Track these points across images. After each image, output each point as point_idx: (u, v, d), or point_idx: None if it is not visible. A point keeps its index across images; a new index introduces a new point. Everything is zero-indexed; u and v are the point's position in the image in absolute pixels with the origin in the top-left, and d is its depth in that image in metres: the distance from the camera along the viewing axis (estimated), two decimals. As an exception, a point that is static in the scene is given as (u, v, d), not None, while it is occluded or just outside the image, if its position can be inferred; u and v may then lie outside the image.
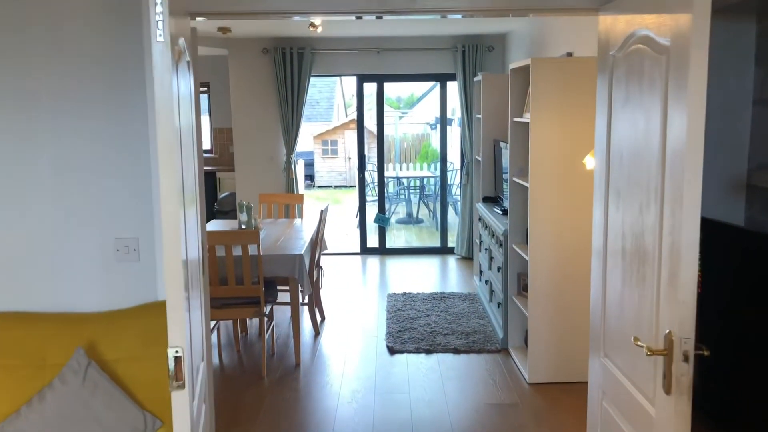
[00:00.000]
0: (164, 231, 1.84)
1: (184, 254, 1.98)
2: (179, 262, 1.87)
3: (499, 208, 5.59)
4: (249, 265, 4.38)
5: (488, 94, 6.16)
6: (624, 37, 2.27)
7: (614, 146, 2.40)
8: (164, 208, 1.84)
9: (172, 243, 1.85)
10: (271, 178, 7.89)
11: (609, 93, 2.46)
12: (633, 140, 2.19)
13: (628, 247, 2.23)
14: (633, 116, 2.19)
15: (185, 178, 2.11)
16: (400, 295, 6.25)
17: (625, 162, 2.26)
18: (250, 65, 7.72)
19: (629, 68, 2.23)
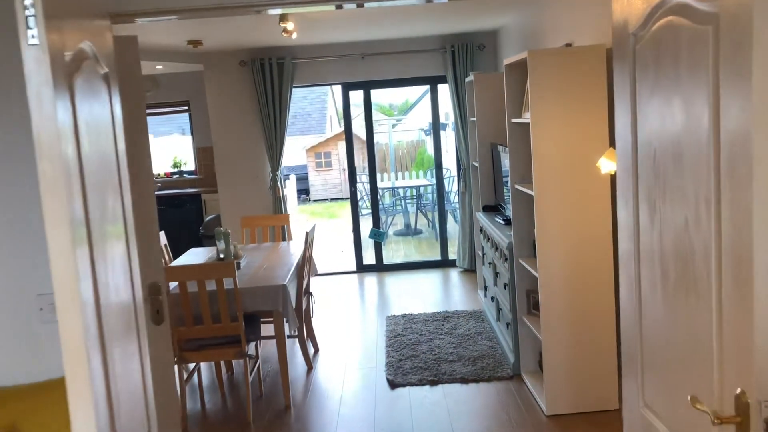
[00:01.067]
0: (54, 278, 1.40)
1: (90, 301, 1.54)
2: (76, 314, 1.42)
3: (501, 218, 5.13)
4: (225, 300, 3.91)
5: (482, 95, 5.70)
6: (648, 8, 1.80)
7: (642, 146, 1.93)
8: (52, 252, 1.39)
9: (63, 291, 1.41)
10: (257, 198, 7.43)
11: (632, 82, 1.99)
12: (669, 138, 1.72)
13: (672, 272, 1.75)
14: (666, 108, 1.72)
15: (95, 211, 1.65)
16: (400, 317, 5.77)
17: (660, 165, 1.79)
18: (228, 79, 7.27)
19: (658, 48, 1.76)
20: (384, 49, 7.18)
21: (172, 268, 3.83)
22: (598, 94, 3.62)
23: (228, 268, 3.85)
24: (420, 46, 7.18)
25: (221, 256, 4.69)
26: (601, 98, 3.62)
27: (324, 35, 6.58)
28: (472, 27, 6.71)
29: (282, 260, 4.80)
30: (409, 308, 6.08)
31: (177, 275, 3.84)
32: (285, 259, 4.81)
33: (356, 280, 7.32)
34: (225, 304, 3.91)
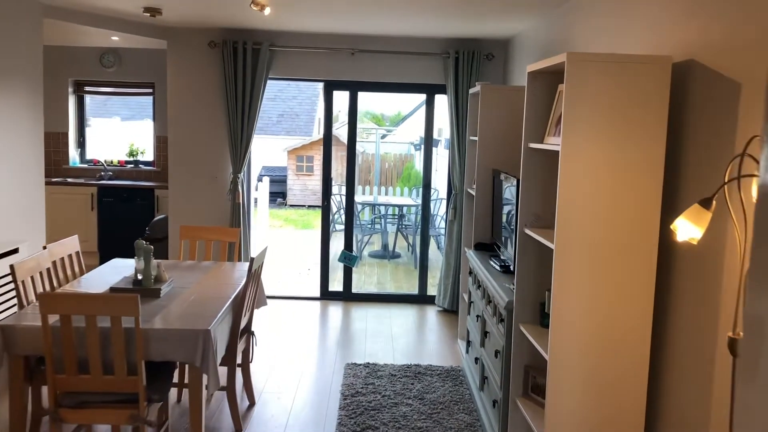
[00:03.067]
0: None
1: None
2: None
3: (498, 263, 4.15)
4: (122, 344, 2.87)
5: (488, 111, 4.73)
6: None
7: None
8: None
9: None
10: (213, 202, 6.39)
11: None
12: None
13: None
14: None
15: None
16: (362, 367, 4.75)
17: None
18: (193, 61, 6.24)
19: None
20: (378, 46, 6.20)
21: (48, 296, 2.79)
22: (656, 122, 2.66)
23: (128, 303, 2.81)
24: (419, 48, 6.21)
25: (138, 277, 3.64)
26: (659, 129, 2.65)
27: (309, 22, 5.58)
28: (481, 32, 5.75)
29: (218, 289, 3.77)
30: (374, 354, 5.07)
31: (55, 305, 2.80)
32: (223, 288, 3.78)
33: (318, 310, 6.29)
34: (122, 349, 2.87)
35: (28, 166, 4.96)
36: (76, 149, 8.24)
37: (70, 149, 8.13)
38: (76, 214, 7.62)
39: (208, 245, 4.65)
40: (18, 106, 4.80)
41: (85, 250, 7.65)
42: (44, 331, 2.84)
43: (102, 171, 8.04)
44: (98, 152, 8.44)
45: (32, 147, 5.00)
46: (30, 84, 4.93)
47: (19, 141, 4.82)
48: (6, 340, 2.99)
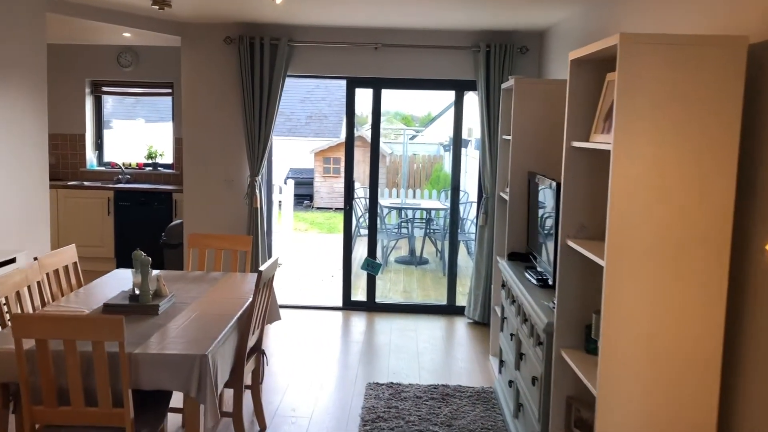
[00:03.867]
0: None
1: None
2: None
3: (535, 276, 3.73)
4: (106, 372, 2.52)
5: (523, 107, 4.31)
6: None
7: None
8: None
9: None
10: (231, 206, 6.06)
11: None
12: None
13: None
14: None
15: None
16: (385, 388, 4.36)
17: None
18: (209, 58, 5.92)
19: None
20: (403, 40, 5.81)
21: (21, 318, 2.45)
22: (728, 116, 2.22)
23: (111, 326, 2.46)
24: (447, 42, 5.80)
25: (136, 291, 3.30)
26: (731, 123, 2.22)
27: (330, 15, 5.22)
28: (514, 23, 5.32)
29: (224, 305, 3.41)
30: (398, 372, 4.67)
31: (29, 328, 2.46)
32: (229, 304, 3.42)
33: (339, 321, 5.92)
34: (105, 377, 2.53)
35: (31, 169, 4.67)
36: (93, 151, 8.00)
37: (87, 151, 7.89)
38: (92, 218, 7.37)
39: (219, 254, 4.30)
40: (20, 107, 4.51)
41: (102, 256, 7.40)
42: (18, 357, 2.50)
43: (119, 174, 7.78)
44: (117, 155, 8.19)
45: (35, 149, 4.72)
46: (33, 83, 4.64)
47: (21, 143, 4.54)
48: (-20, 366, 2.66)
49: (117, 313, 3.15)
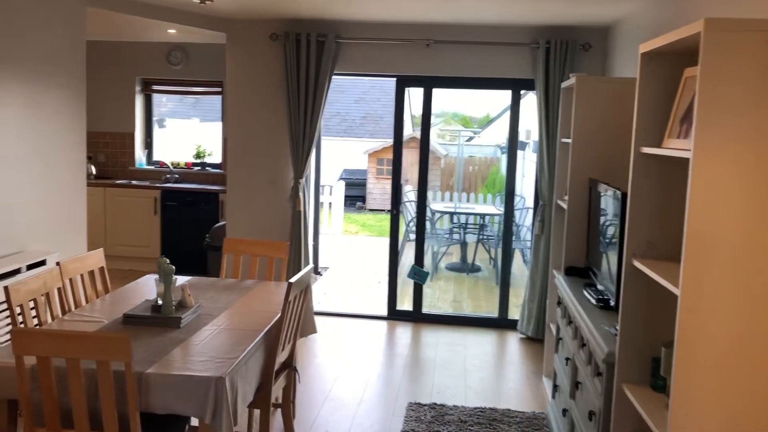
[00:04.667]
0: None
1: None
2: None
3: (594, 295, 3.35)
4: (112, 394, 2.30)
5: (584, 108, 3.93)
6: None
7: None
8: None
9: None
10: (274, 209, 5.85)
11: None
12: None
13: None
14: None
15: None
16: (428, 409, 4.05)
17: None
18: (254, 55, 5.73)
19: None
20: (456, 36, 5.48)
21: (21, 334, 2.25)
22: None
23: (117, 345, 2.23)
24: (504, 38, 5.45)
25: (159, 301, 3.09)
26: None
27: (379, 10, 4.95)
28: (576, 17, 4.94)
29: (253, 317, 3.17)
30: (442, 392, 4.35)
31: (29, 345, 2.25)
32: (259, 316, 3.18)
33: (383, 332, 5.63)
34: (111, 399, 2.30)
35: (68, 168, 4.55)
36: (143, 150, 7.94)
37: (136, 150, 7.83)
38: (139, 218, 7.29)
39: (254, 261, 4.07)
40: (58, 104, 4.39)
41: (148, 256, 7.31)
42: (19, 375, 2.30)
43: (168, 173, 7.69)
44: (168, 154, 8.12)
45: (73, 147, 4.60)
46: (72, 79, 4.52)
47: (57, 141, 4.42)
48: (-15, 381, 2.48)
49: (137, 325, 2.96)
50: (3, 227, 3.93)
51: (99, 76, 7.59)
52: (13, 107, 3.99)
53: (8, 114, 3.96)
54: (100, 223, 7.29)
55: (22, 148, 4.08)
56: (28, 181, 4.14)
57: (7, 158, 3.96)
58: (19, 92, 4.03)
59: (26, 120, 4.10)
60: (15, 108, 4.01)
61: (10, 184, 3.98)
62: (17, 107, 4.02)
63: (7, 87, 3.93)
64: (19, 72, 4.02)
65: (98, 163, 7.75)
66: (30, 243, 4.14)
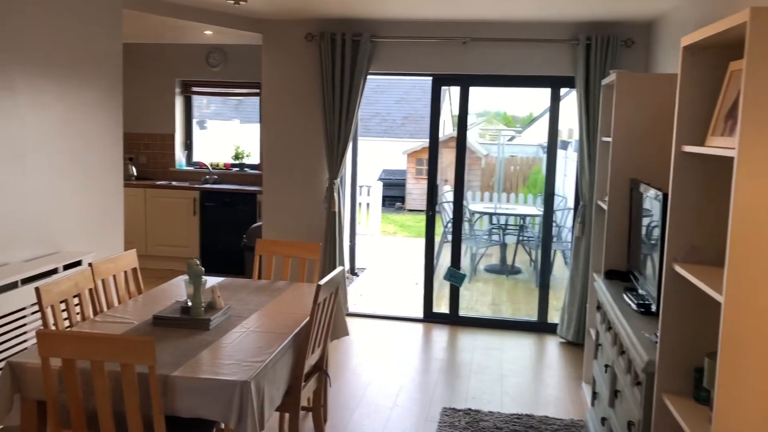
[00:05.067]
0: None
1: None
2: None
3: (635, 299, 3.22)
4: (136, 397, 2.28)
5: (625, 105, 3.79)
6: None
7: None
8: None
9: None
10: (309, 210, 5.83)
11: None
12: None
13: None
14: None
15: None
16: (462, 415, 3.96)
17: None
18: (289, 56, 5.72)
19: None
20: (493, 33, 5.37)
21: (45, 336, 2.24)
22: None
23: (140, 348, 2.21)
24: (543, 35, 5.32)
25: (188, 303, 3.08)
26: None
27: (415, 8, 4.88)
28: (619, 13, 4.78)
29: (283, 319, 3.14)
30: (478, 397, 4.26)
31: (54, 347, 2.25)
32: (288, 319, 3.14)
33: (419, 335, 5.55)
34: (135, 402, 2.28)
35: (105, 169, 4.60)
36: (182, 151, 8.02)
37: (176, 151, 7.91)
38: (178, 218, 7.36)
39: (286, 262, 4.04)
40: (96, 105, 4.44)
41: (187, 256, 7.37)
42: (45, 377, 2.30)
43: (207, 174, 7.75)
44: (208, 155, 8.19)
45: (110, 148, 4.64)
46: (109, 81, 4.57)
47: (95, 142, 4.46)
48: (15, 380, 2.49)
49: (166, 326, 2.95)
50: (41, 228, 3.99)
51: (140, 78, 7.71)
52: (52, 109, 4.05)
53: (47, 115, 4.01)
54: (140, 224, 7.38)
55: (59, 149, 4.13)
56: (65, 182, 4.19)
57: (46, 159, 4.02)
58: (57, 95, 4.08)
59: (64, 122, 4.15)
60: (53, 110, 4.06)
61: (48, 186, 4.04)
62: (56, 109, 4.08)
63: (46, 89, 3.99)
64: (57, 74, 4.07)
65: (139, 165, 7.86)
66: (67, 244, 4.19)
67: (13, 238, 3.77)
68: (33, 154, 3.90)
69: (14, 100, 3.72)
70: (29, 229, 3.89)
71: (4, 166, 3.68)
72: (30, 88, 3.84)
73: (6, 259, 3.71)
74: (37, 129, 3.92)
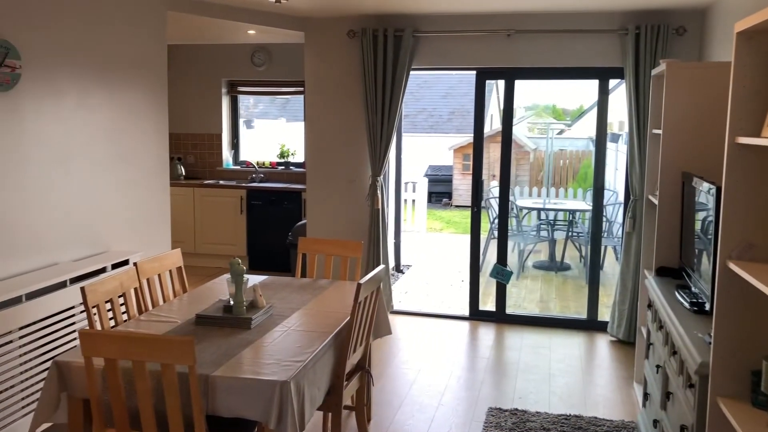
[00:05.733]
0: None
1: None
2: None
3: (688, 298, 3.10)
4: (177, 397, 2.29)
5: (676, 96, 3.64)
6: None
7: None
8: None
9: None
10: (353, 207, 5.82)
11: None
12: None
13: None
14: None
15: None
16: (508, 416, 3.88)
17: None
18: (331, 53, 5.71)
19: None
20: (539, 25, 5.25)
21: (88, 336, 2.27)
22: None
23: (181, 348, 2.22)
24: (590, 25, 5.17)
25: (231, 301, 3.09)
26: None
27: (458, 1, 4.79)
28: (669, 0, 4.62)
29: (324, 318, 3.12)
30: (525, 397, 4.17)
31: (96, 347, 2.27)
32: (330, 318, 3.13)
33: (465, 333, 5.48)
34: (176, 402, 2.29)
35: (152, 169, 4.67)
36: (229, 151, 8.11)
37: (223, 151, 8.01)
38: (226, 217, 7.45)
39: (328, 260, 4.03)
40: (141, 106, 4.51)
41: (235, 254, 7.47)
42: (88, 376, 2.33)
43: (253, 173, 7.82)
44: (254, 154, 8.26)
45: (156, 148, 4.70)
46: (154, 82, 4.63)
47: (141, 142, 4.53)
48: (62, 379, 2.54)
49: (209, 326, 2.96)
50: (89, 229, 4.07)
51: (186, 80, 7.83)
52: (98, 112, 4.12)
53: (94, 117, 4.09)
54: (189, 223, 7.50)
55: (107, 150, 4.21)
56: (113, 182, 4.27)
57: (94, 160, 4.10)
58: (104, 96, 4.15)
59: (110, 123, 4.23)
60: (101, 111, 4.14)
61: (96, 186, 4.12)
62: (102, 112, 4.15)
63: (93, 91, 4.06)
64: (104, 76, 4.14)
65: (187, 165, 7.98)
66: (115, 244, 4.27)
67: (62, 239, 3.85)
68: (80, 157, 3.98)
69: (61, 103, 3.80)
70: (77, 230, 3.98)
71: (53, 169, 3.77)
72: (77, 91, 3.92)
73: (55, 259, 3.79)
74: (83, 131, 4.00)
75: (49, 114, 3.71)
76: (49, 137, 3.72)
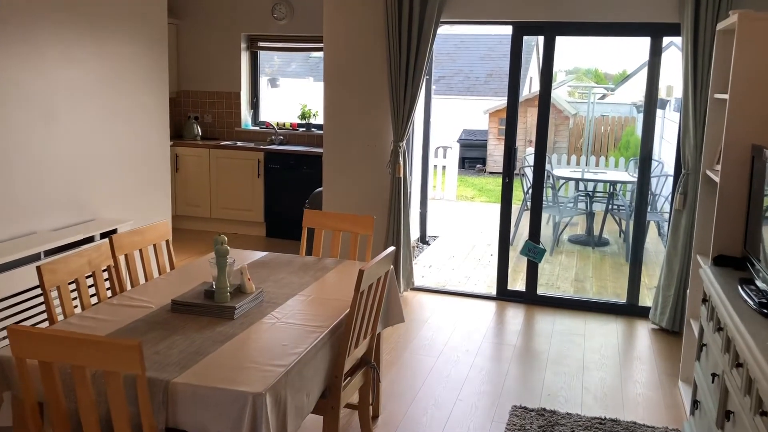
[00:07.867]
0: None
1: None
2: None
3: (755, 295, 2.59)
4: (124, 405, 1.89)
5: (748, 54, 3.07)
6: None
7: None
8: None
9: None
10: (372, 174, 5.35)
11: None
12: None
13: None
14: None
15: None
16: (534, 416, 3.43)
17: None
18: (353, 6, 5.17)
19: None
20: (585, -27, 4.65)
21: (17, 333, 1.86)
22: None
23: (126, 354, 1.80)
24: (644, -27, 4.55)
25: (213, 285, 2.67)
26: None
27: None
28: (741, -59, 3.97)
29: (322, 308, 2.69)
30: (554, 394, 3.71)
31: (28, 346, 1.87)
32: (329, 307, 2.70)
33: (491, 315, 5.01)
34: (124, 413, 1.89)
35: (149, 129, 4.26)
36: (248, 111, 7.67)
37: (242, 110, 7.57)
38: (242, 181, 7.05)
39: (336, 236, 3.59)
40: (137, 60, 4.07)
41: (251, 220, 7.10)
42: (22, 381, 1.94)
43: (273, 135, 7.38)
44: (274, 114, 7.81)
45: (155, 107, 4.28)
46: (152, 33, 4.18)
47: (138, 99, 4.11)
48: (4, 376, 2.16)
49: (185, 314, 2.56)
50: (74, 193, 3.68)
51: (203, 34, 7.39)
52: (85, 65, 3.69)
53: (78, 73, 3.66)
54: (204, 186, 7.13)
55: (96, 107, 3.79)
56: (103, 143, 3.87)
57: (80, 119, 3.68)
58: (91, 49, 3.72)
59: (100, 78, 3.81)
60: (87, 66, 3.71)
61: (82, 147, 3.72)
62: (89, 65, 3.72)
63: (80, 42, 3.63)
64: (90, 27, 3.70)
65: (205, 124, 7.58)
66: (104, 210, 3.89)
67: (41, 204, 3.47)
68: (65, 114, 3.57)
69: (43, 55, 3.38)
70: (60, 194, 3.59)
71: (31, 126, 3.36)
72: (60, 43, 3.49)
73: (34, 228, 3.42)
74: (67, 86, 3.58)
75: (28, 67, 3.29)
76: (28, 91, 3.31)
